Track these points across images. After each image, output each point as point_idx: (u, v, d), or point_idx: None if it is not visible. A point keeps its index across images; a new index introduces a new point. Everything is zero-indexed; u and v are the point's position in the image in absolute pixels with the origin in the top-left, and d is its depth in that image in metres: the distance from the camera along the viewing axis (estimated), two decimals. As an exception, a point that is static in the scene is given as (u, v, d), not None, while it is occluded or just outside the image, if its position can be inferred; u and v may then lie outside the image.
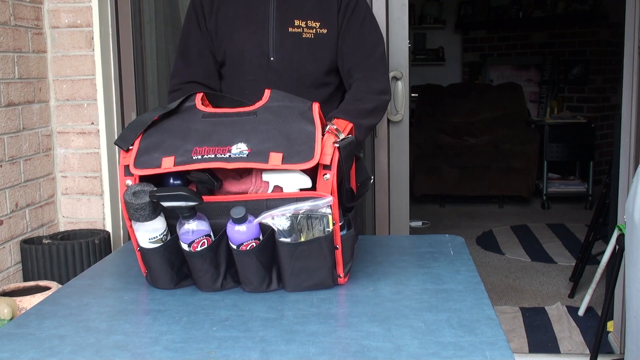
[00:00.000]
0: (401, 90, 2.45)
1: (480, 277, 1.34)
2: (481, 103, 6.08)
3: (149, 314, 1.20)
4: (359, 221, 1.46)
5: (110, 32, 2.49)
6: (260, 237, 1.24)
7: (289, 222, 1.21)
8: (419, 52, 6.87)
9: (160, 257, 1.27)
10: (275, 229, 1.22)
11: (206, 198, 1.24)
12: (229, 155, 1.21)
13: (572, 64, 6.29)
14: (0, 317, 1.95)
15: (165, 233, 1.27)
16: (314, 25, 1.73)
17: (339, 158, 1.25)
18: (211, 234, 1.25)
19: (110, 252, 2.34)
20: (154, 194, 1.19)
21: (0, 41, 2.21)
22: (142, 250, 1.28)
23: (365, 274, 1.38)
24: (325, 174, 1.24)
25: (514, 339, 2.87)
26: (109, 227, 2.53)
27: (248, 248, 1.23)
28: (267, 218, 1.21)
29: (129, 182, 1.26)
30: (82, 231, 2.50)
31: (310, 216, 1.21)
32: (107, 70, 2.49)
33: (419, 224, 4.87)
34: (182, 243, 1.25)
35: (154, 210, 1.21)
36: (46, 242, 2.34)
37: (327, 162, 1.23)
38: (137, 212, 1.20)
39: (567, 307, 3.24)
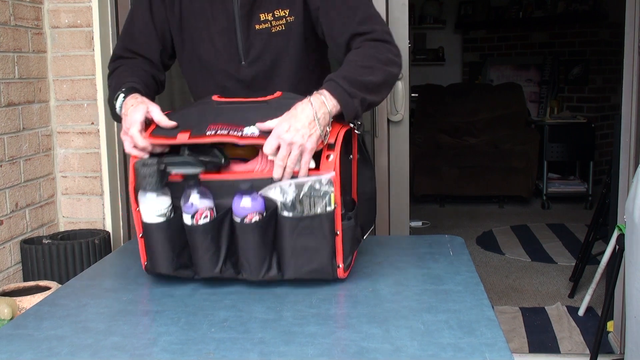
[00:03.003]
0: (401, 90, 2.45)
1: (480, 277, 1.34)
2: (481, 103, 6.08)
3: (148, 315, 1.20)
4: (358, 230, 1.44)
5: (110, 32, 2.49)
6: (264, 214, 1.27)
7: (294, 193, 1.23)
8: (419, 52, 6.87)
9: (164, 234, 1.29)
10: (279, 203, 1.24)
11: (211, 176, 1.28)
12: (241, 134, 1.25)
13: (572, 64, 6.29)
14: (0, 317, 1.95)
15: (170, 209, 1.30)
16: (282, 14, 1.52)
17: (358, 143, 1.33)
18: (214, 209, 1.28)
19: (110, 252, 2.34)
20: (162, 160, 1.25)
21: (0, 41, 2.21)
22: (146, 226, 1.29)
23: (365, 274, 1.38)
24: (329, 155, 1.26)
25: (514, 339, 2.87)
26: (109, 227, 2.53)
27: (252, 221, 1.24)
28: (271, 189, 1.24)
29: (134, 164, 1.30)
30: (82, 231, 2.50)
31: (312, 195, 1.23)
32: (107, 71, 2.48)
33: (419, 224, 4.87)
34: (185, 216, 1.27)
35: (161, 179, 1.25)
36: (46, 242, 2.34)
37: (332, 141, 1.27)
38: (145, 180, 1.24)
39: (567, 307, 3.24)
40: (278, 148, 1.24)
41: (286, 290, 1.29)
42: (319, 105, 1.28)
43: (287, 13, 1.52)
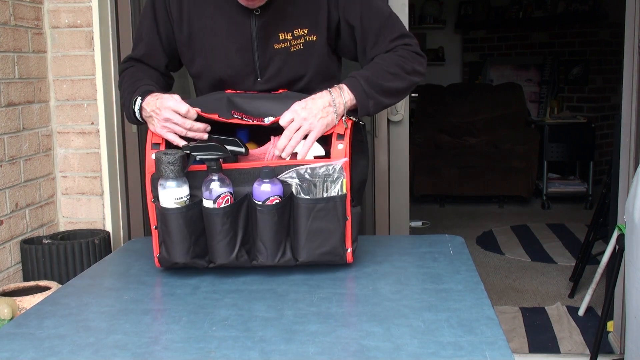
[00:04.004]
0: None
1: (480, 277, 1.34)
2: (481, 103, 6.08)
3: (149, 314, 1.20)
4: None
5: (110, 32, 2.50)
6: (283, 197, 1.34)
7: (309, 178, 1.33)
8: (419, 52, 6.86)
9: (183, 219, 1.32)
10: (294, 187, 1.32)
11: (229, 165, 1.35)
12: (264, 121, 1.38)
13: (572, 64, 6.29)
14: (0, 317, 1.95)
15: (189, 198, 1.34)
16: (301, 32, 1.53)
17: (352, 135, 1.38)
18: (233, 195, 1.33)
19: (110, 252, 2.35)
20: (187, 145, 1.32)
21: (0, 41, 2.21)
22: (165, 211, 1.32)
23: (365, 273, 1.38)
24: (339, 143, 1.36)
25: (514, 339, 2.87)
26: (109, 227, 2.53)
27: (273, 204, 1.31)
28: (288, 174, 1.33)
29: (154, 155, 1.34)
30: (82, 231, 2.50)
31: (326, 180, 1.33)
32: (107, 70, 2.49)
33: (419, 224, 4.87)
34: (206, 201, 1.31)
35: (183, 168, 1.30)
36: (46, 242, 2.34)
37: (341, 132, 1.36)
38: (168, 167, 1.28)
39: (567, 307, 3.24)
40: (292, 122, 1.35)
41: (287, 289, 1.29)
42: (337, 95, 1.39)
43: (307, 32, 1.53)
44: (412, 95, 5.92)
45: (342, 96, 1.39)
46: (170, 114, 1.36)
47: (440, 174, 5.50)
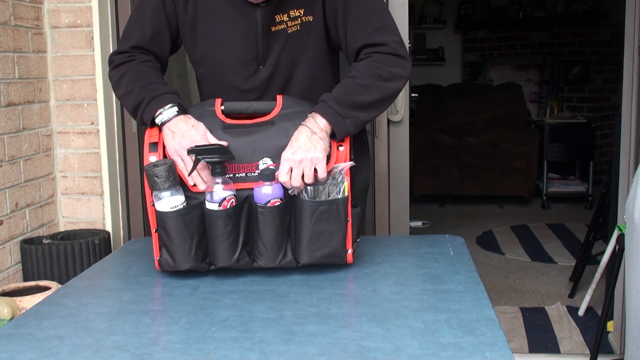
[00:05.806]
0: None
1: (480, 277, 1.34)
2: (481, 103, 6.07)
3: (148, 314, 1.20)
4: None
5: (110, 32, 2.49)
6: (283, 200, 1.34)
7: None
8: (419, 52, 6.87)
9: (182, 221, 1.32)
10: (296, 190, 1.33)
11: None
12: (257, 173, 1.35)
13: (572, 64, 6.29)
14: (0, 317, 1.95)
15: (184, 205, 1.34)
16: (297, 13, 1.50)
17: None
18: (236, 197, 1.34)
19: (110, 252, 2.34)
20: (193, 148, 1.30)
21: (0, 41, 2.21)
22: (164, 215, 1.32)
23: (365, 274, 1.38)
24: (340, 145, 1.37)
25: (514, 339, 2.87)
26: (109, 227, 2.53)
27: (274, 206, 1.31)
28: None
29: (154, 157, 1.35)
30: (82, 231, 2.50)
31: (328, 183, 1.34)
32: (107, 70, 2.48)
33: (419, 224, 4.87)
34: (210, 204, 1.31)
35: (168, 178, 1.30)
36: (46, 242, 2.34)
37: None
38: (152, 179, 1.30)
39: (567, 307, 3.24)
40: (291, 171, 1.32)
41: (287, 290, 1.29)
42: (313, 124, 1.35)
43: (302, 13, 1.51)
44: (412, 95, 5.89)
45: (317, 123, 1.35)
46: (177, 158, 1.36)
47: (440, 174, 5.50)
